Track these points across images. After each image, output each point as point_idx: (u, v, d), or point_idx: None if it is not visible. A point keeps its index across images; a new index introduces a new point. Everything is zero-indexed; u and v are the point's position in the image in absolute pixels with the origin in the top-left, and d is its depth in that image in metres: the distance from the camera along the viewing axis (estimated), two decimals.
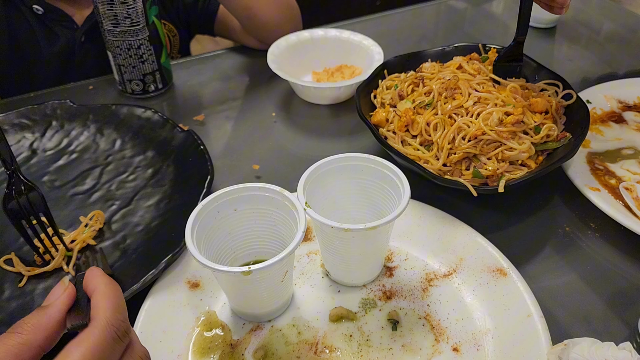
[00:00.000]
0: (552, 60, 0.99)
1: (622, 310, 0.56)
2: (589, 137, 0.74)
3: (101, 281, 0.38)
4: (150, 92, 0.89)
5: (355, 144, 0.80)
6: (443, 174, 0.65)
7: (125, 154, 0.75)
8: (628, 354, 0.43)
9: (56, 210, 0.67)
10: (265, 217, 0.54)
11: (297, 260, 0.60)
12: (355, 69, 0.91)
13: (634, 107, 0.82)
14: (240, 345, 0.52)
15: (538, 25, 1.07)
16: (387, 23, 1.13)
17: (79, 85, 0.92)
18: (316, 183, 0.55)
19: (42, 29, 0.94)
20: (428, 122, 0.67)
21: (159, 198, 0.68)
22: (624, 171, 0.70)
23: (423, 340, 0.52)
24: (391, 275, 0.58)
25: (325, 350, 0.51)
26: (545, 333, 0.50)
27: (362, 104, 0.73)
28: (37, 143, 0.76)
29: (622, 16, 1.13)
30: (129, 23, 0.80)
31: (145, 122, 0.78)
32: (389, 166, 0.55)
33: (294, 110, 0.87)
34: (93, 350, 0.34)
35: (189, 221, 0.49)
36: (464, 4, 1.19)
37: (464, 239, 0.60)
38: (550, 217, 0.67)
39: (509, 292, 0.54)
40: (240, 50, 1.03)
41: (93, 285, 0.38)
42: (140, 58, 0.84)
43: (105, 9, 0.78)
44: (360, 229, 0.48)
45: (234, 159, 0.77)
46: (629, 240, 0.63)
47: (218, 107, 0.88)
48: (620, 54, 1.00)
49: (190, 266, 0.58)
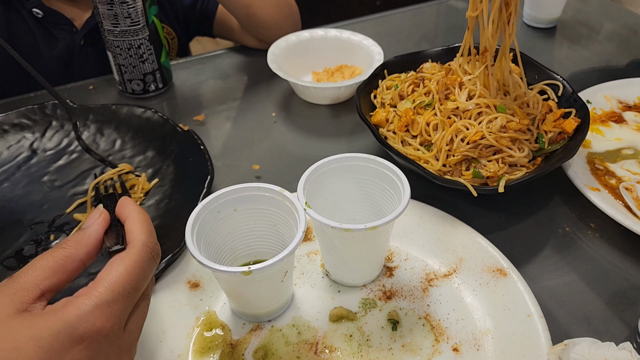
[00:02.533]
0: (552, 60, 0.99)
1: (622, 310, 0.56)
2: (589, 137, 0.74)
3: (133, 209, 0.43)
4: (150, 91, 0.89)
5: (355, 144, 0.80)
6: (443, 174, 0.65)
7: (125, 154, 0.75)
8: (628, 354, 0.43)
9: (56, 210, 0.67)
10: (265, 217, 0.54)
11: (297, 260, 0.60)
12: (355, 69, 0.91)
13: (634, 107, 0.82)
14: (240, 345, 0.52)
15: (538, 25, 1.08)
16: (387, 23, 1.13)
17: (79, 85, 0.92)
18: (316, 183, 0.55)
19: (42, 32, 0.94)
20: (428, 122, 0.67)
21: (159, 198, 0.68)
22: (624, 171, 0.70)
23: (423, 340, 0.52)
24: (391, 275, 0.58)
25: (325, 350, 0.51)
26: (545, 333, 0.50)
27: (362, 104, 0.73)
28: (37, 143, 0.76)
29: (622, 16, 1.13)
30: (129, 23, 0.80)
31: (145, 122, 0.78)
32: (389, 166, 0.55)
33: (294, 110, 0.87)
34: (135, 266, 0.38)
35: (189, 221, 0.49)
36: (464, 4, 1.19)
37: (464, 239, 0.60)
38: (550, 217, 0.67)
39: (509, 292, 0.54)
40: (240, 50, 1.03)
41: (127, 212, 0.42)
42: (141, 58, 0.84)
43: (105, 9, 0.78)
44: (360, 229, 0.48)
45: (234, 159, 0.77)
46: (629, 240, 0.63)
47: (218, 107, 0.88)
48: (620, 54, 1.00)
49: (190, 266, 0.58)
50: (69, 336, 0.34)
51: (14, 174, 0.72)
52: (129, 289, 0.37)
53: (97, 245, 0.41)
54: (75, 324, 0.34)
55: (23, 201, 0.68)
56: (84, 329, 0.34)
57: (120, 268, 0.37)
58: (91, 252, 0.40)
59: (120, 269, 0.37)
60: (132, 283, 0.37)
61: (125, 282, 0.37)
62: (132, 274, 0.38)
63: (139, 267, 0.38)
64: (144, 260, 0.39)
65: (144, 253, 0.39)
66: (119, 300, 0.36)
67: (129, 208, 0.43)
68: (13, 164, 0.73)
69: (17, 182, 0.71)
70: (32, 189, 0.70)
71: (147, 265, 0.39)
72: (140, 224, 0.41)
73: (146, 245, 0.40)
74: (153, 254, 0.40)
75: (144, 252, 0.39)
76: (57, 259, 0.38)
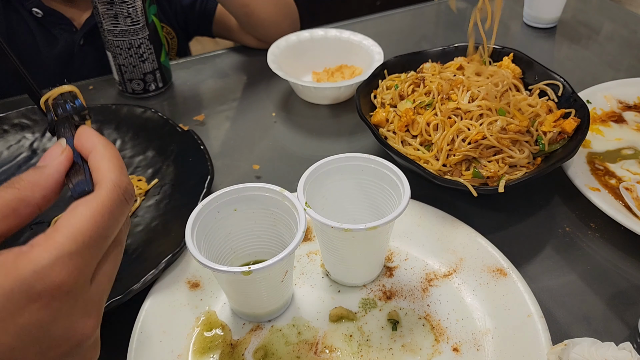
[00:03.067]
0: (552, 60, 0.99)
1: (622, 310, 0.56)
2: (589, 137, 0.74)
3: (98, 140, 0.36)
4: (150, 91, 0.89)
5: (355, 144, 0.80)
6: (443, 174, 0.65)
7: (125, 154, 0.75)
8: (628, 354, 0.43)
9: (56, 210, 0.67)
10: (265, 217, 0.54)
11: (297, 260, 0.60)
12: (355, 69, 0.91)
13: (634, 107, 0.82)
14: (240, 345, 0.52)
15: (538, 25, 1.08)
16: (387, 23, 1.13)
17: (79, 85, 0.92)
18: (316, 183, 0.55)
19: (42, 32, 0.94)
20: (428, 122, 0.67)
21: (159, 198, 0.68)
22: (624, 171, 0.70)
23: (423, 340, 0.52)
24: (391, 275, 0.58)
25: (325, 350, 0.51)
26: (545, 333, 0.50)
27: (362, 104, 0.73)
28: (37, 143, 0.76)
29: (622, 16, 1.13)
30: (129, 22, 0.80)
31: (145, 122, 0.78)
32: (389, 166, 0.55)
33: (294, 110, 0.87)
34: (104, 211, 0.32)
35: (189, 221, 0.49)
36: (464, 4, 1.19)
37: (464, 239, 0.60)
38: (550, 217, 0.67)
39: (509, 292, 0.54)
40: (240, 50, 1.03)
41: (89, 145, 0.36)
42: (141, 57, 0.84)
43: (105, 9, 0.78)
44: (360, 229, 0.48)
45: (234, 159, 0.77)
46: (629, 240, 0.63)
47: (218, 107, 0.88)
48: (620, 54, 1.00)
49: (190, 266, 0.58)
50: (24, 294, 0.29)
51: (14, 174, 0.72)
52: (96, 237, 0.31)
53: (56, 189, 0.35)
54: (31, 280, 0.29)
55: None
56: (41, 286, 0.29)
57: (86, 213, 0.31)
58: (48, 196, 0.34)
59: (86, 213, 0.31)
60: (99, 231, 0.32)
61: (92, 229, 0.31)
62: (99, 221, 0.32)
63: (108, 212, 0.32)
64: (114, 204, 0.33)
65: (114, 195, 0.33)
66: (83, 251, 0.31)
67: (92, 140, 0.36)
68: (13, 164, 0.73)
69: None
70: None
71: (119, 209, 0.33)
72: (108, 160, 0.35)
73: (117, 186, 0.33)
74: (126, 195, 0.34)
75: (114, 194, 0.33)
76: (9, 201, 0.32)
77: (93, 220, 0.31)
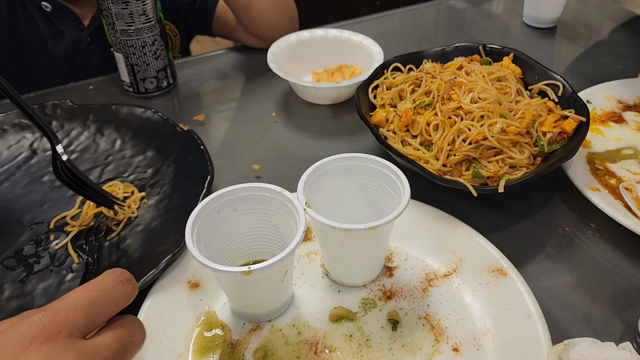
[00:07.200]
0: (552, 60, 0.99)
1: (622, 310, 0.56)
2: (589, 137, 0.74)
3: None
4: (163, 88, 0.89)
5: (355, 144, 0.80)
6: (443, 174, 0.65)
7: (125, 154, 0.75)
8: (628, 354, 0.44)
9: (56, 210, 0.67)
10: (265, 217, 0.54)
11: (297, 260, 0.60)
12: (355, 69, 0.91)
13: (634, 107, 0.82)
14: (240, 345, 0.52)
15: (538, 25, 1.08)
16: (387, 23, 1.13)
17: (79, 85, 0.92)
18: (316, 183, 0.55)
19: (48, 27, 0.94)
20: (428, 122, 0.67)
21: (159, 198, 0.68)
22: (624, 171, 0.70)
23: (423, 340, 0.52)
24: (391, 275, 0.58)
25: (325, 350, 0.51)
26: (545, 333, 0.50)
27: (362, 104, 0.73)
28: (37, 143, 0.76)
29: (622, 16, 1.13)
30: (143, 20, 0.79)
31: (145, 122, 0.78)
32: (389, 166, 0.55)
33: (294, 110, 0.87)
34: (94, 283, 0.37)
35: (189, 221, 0.49)
36: (464, 4, 1.19)
37: (464, 239, 0.60)
38: (550, 217, 0.67)
39: (509, 292, 0.54)
40: (241, 50, 1.03)
41: None
42: (154, 54, 0.84)
43: (120, 8, 0.77)
44: (360, 229, 0.48)
45: (234, 159, 0.77)
46: (629, 240, 0.63)
47: (218, 107, 0.88)
48: (620, 54, 1.00)
49: (190, 266, 0.58)
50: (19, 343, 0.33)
51: (14, 174, 0.72)
52: (83, 301, 0.35)
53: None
54: (25, 330, 0.33)
55: (23, 201, 0.68)
56: (31, 334, 0.33)
57: (79, 287, 0.36)
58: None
59: (78, 287, 0.36)
60: (86, 296, 0.35)
61: (79, 294, 0.35)
62: (87, 289, 0.36)
63: (98, 283, 0.37)
64: (106, 280, 0.37)
65: (106, 274, 0.38)
66: (70, 310, 0.35)
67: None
68: (13, 164, 0.73)
69: (17, 182, 0.71)
70: (32, 189, 0.70)
71: (110, 285, 0.37)
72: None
73: (110, 272, 0.38)
74: (122, 277, 0.38)
75: (106, 274, 0.38)
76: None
77: (81, 288, 0.36)
